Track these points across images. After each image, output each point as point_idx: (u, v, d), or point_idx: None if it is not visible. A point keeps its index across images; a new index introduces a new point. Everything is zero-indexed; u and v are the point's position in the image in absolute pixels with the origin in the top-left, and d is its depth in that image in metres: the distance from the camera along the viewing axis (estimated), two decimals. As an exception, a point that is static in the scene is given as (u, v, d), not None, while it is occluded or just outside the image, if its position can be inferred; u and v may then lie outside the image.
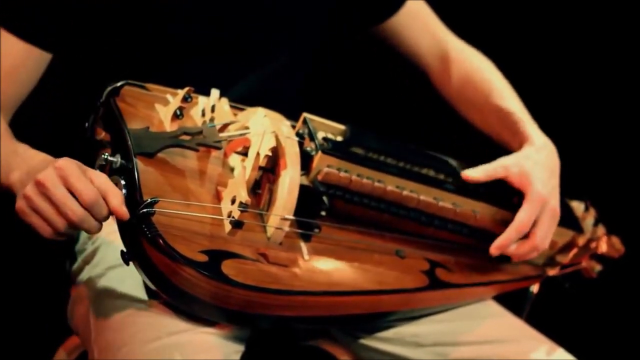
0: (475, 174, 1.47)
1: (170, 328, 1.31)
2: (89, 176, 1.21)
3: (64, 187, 1.19)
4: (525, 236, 1.47)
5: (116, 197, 1.20)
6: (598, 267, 1.72)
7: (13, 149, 1.32)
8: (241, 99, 1.44)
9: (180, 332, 1.31)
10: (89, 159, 1.28)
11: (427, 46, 1.71)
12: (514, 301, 1.65)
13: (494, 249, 1.46)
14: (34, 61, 1.44)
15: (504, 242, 1.45)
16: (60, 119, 1.56)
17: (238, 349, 1.39)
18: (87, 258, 1.50)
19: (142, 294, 1.36)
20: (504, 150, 1.59)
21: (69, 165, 1.20)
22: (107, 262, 1.44)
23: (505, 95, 1.62)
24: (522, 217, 1.45)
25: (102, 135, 1.34)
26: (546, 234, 1.48)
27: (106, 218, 1.22)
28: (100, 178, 1.21)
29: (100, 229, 1.22)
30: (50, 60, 1.46)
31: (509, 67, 2.06)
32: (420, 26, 1.70)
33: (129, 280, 1.37)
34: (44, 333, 1.84)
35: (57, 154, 1.29)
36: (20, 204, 1.21)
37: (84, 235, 1.53)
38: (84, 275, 1.48)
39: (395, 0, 1.68)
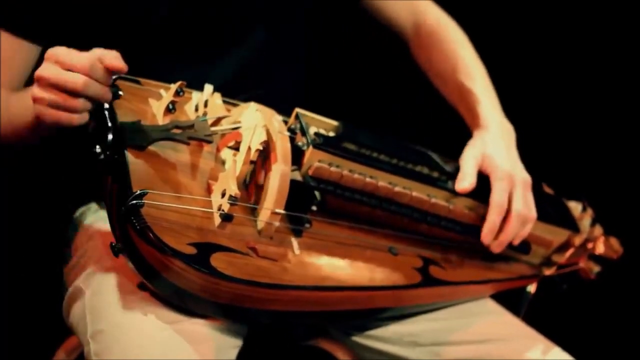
0: (467, 183, 1.47)
1: (166, 318, 1.30)
2: (79, 52, 1.24)
3: (58, 67, 1.22)
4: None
5: (109, 54, 1.23)
6: (596, 269, 1.71)
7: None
8: (225, 87, 1.43)
9: (177, 322, 1.30)
10: (79, 150, 1.28)
11: (405, 15, 1.71)
12: (511, 301, 1.64)
13: (485, 236, 1.48)
14: (25, 55, 1.46)
15: (491, 226, 1.47)
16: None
17: (235, 343, 1.39)
18: (82, 254, 1.50)
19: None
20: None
21: (55, 50, 1.24)
22: (102, 257, 1.44)
23: (469, 72, 1.62)
24: (496, 197, 1.47)
25: (94, 127, 1.34)
26: (525, 202, 1.49)
27: (108, 77, 1.24)
28: (92, 52, 1.24)
29: (110, 94, 1.26)
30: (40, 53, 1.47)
31: (509, 66, 2.06)
32: None
33: (124, 273, 1.36)
34: (43, 334, 1.84)
35: (49, 144, 1.29)
36: (35, 108, 1.24)
37: (78, 231, 1.53)
38: (79, 272, 1.47)
39: None
